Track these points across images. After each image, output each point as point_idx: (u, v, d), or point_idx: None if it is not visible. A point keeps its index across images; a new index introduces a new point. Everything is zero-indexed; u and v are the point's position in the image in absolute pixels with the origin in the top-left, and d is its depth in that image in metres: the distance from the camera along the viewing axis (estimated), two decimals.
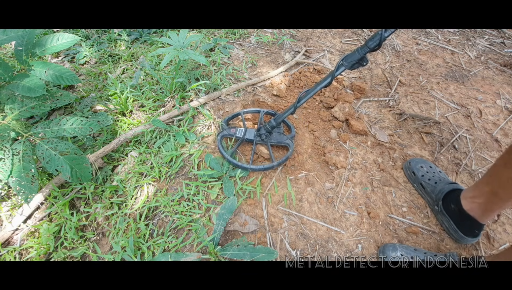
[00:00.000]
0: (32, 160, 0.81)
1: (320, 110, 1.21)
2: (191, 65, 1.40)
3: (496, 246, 0.86)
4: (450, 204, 0.83)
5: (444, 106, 1.28)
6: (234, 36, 1.65)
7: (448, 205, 0.84)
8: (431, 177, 0.93)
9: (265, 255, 0.77)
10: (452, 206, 0.82)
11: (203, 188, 0.95)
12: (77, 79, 0.95)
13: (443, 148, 1.10)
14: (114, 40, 1.64)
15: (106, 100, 1.25)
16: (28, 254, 0.82)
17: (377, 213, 0.91)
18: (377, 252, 0.83)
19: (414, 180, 0.97)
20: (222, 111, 1.21)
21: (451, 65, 1.50)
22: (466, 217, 0.78)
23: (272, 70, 1.41)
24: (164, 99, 1.23)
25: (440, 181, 0.91)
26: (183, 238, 0.84)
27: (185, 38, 1.19)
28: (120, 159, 1.04)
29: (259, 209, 0.91)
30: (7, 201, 0.93)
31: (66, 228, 0.86)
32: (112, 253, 0.82)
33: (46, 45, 0.95)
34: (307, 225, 0.88)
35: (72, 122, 0.88)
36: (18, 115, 0.89)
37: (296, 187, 0.97)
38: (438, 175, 0.94)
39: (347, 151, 1.07)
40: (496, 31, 1.76)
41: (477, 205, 0.77)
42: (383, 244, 0.83)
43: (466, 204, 0.79)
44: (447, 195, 0.85)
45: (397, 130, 1.16)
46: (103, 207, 0.91)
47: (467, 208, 0.78)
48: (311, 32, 1.71)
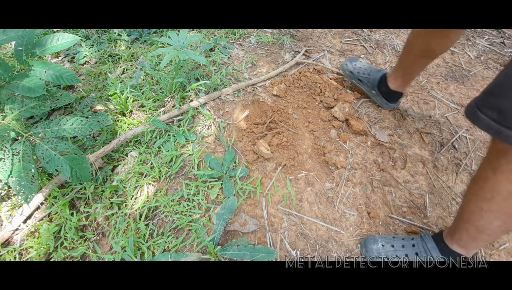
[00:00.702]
0: (32, 160, 0.81)
1: (320, 110, 1.21)
2: (191, 65, 1.40)
3: (496, 246, 0.86)
4: (382, 87, 1.13)
5: (444, 106, 1.28)
6: (234, 36, 1.65)
7: (380, 88, 1.14)
8: (364, 71, 1.20)
9: (265, 255, 0.77)
10: (383, 88, 1.13)
11: (203, 188, 0.95)
12: (77, 79, 0.95)
13: (443, 148, 1.10)
14: (114, 40, 1.64)
15: (106, 100, 1.25)
16: (28, 254, 0.82)
17: (377, 213, 0.91)
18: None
19: (353, 77, 1.24)
20: (222, 111, 1.21)
21: (451, 65, 1.50)
22: (391, 92, 1.11)
23: (272, 70, 1.41)
24: (164, 99, 1.23)
25: (371, 72, 1.18)
26: (183, 238, 0.84)
27: (185, 38, 1.19)
28: (120, 159, 1.04)
29: (259, 209, 0.91)
30: (7, 201, 0.93)
31: (66, 228, 0.86)
32: (112, 253, 0.82)
33: (46, 45, 0.95)
34: (307, 225, 0.88)
35: (72, 122, 0.88)
36: (18, 115, 0.89)
37: (296, 187, 0.97)
38: (368, 68, 1.21)
39: (347, 151, 1.07)
40: (496, 31, 1.76)
41: (397, 82, 1.08)
42: (364, 239, 0.84)
43: (391, 84, 1.10)
44: (379, 81, 1.13)
45: (397, 130, 1.16)
46: (103, 207, 0.91)
47: (392, 87, 1.10)
48: (311, 32, 1.71)
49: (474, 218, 0.62)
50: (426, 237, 0.76)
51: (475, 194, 0.60)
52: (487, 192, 0.56)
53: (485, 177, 0.56)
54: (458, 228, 0.69)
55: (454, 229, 0.70)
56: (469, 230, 0.65)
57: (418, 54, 0.93)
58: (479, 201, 0.59)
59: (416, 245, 0.76)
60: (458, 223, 0.68)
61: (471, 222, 0.63)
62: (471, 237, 0.66)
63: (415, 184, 1.00)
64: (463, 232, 0.67)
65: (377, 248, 0.78)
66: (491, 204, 0.56)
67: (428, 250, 0.73)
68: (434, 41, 0.86)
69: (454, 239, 0.71)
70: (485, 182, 0.56)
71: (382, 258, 0.76)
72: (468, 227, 0.65)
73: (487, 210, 0.58)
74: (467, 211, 0.64)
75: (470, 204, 0.62)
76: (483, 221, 0.60)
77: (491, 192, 0.55)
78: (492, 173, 0.53)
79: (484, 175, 0.56)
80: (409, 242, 0.78)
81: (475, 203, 0.60)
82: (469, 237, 0.67)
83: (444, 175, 1.02)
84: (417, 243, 0.77)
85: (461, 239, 0.69)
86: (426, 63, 0.97)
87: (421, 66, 0.98)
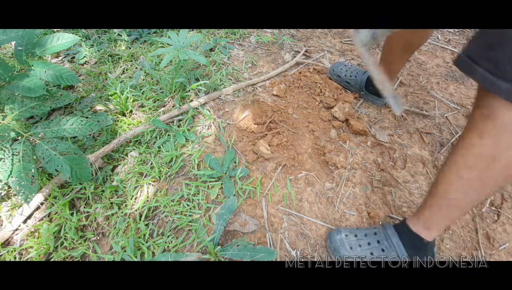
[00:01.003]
0: (32, 160, 0.81)
1: (320, 110, 1.21)
2: (191, 65, 1.40)
3: (496, 246, 0.86)
4: (369, 87, 1.20)
5: (444, 106, 1.28)
6: (234, 36, 1.65)
7: (368, 88, 1.21)
8: (351, 74, 1.26)
9: (265, 255, 0.77)
10: (370, 88, 1.19)
11: (203, 188, 0.95)
12: (77, 79, 0.95)
13: (443, 148, 1.10)
14: (114, 40, 1.64)
15: (106, 100, 1.25)
16: (28, 254, 0.82)
17: (377, 213, 0.91)
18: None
19: (341, 80, 1.29)
20: (222, 111, 1.21)
21: (451, 65, 1.50)
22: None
23: (272, 70, 1.41)
24: (164, 99, 1.23)
25: (358, 74, 1.24)
26: (183, 238, 0.84)
27: (185, 38, 1.19)
28: (120, 159, 1.04)
29: (259, 209, 0.91)
30: (7, 201, 0.93)
31: (66, 228, 0.86)
32: (112, 253, 0.82)
33: (46, 45, 0.95)
34: (307, 225, 0.88)
35: (72, 122, 0.88)
36: (18, 115, 0.89)
37: (296, 187, 0.97)
38: (355, 70, 1.26)
39: (347, 151, 1.07)
40: None
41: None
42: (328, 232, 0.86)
43: None
44: (366, 82, 1.20)
45: (397, 130, 1.16)
46: (103, 207, 0.91)
47: None
48: (311, 32, 1.71)
49: (450, 189, 0.61)
50: (386, 225, 0.78)
51: (456, 162, 0.59)
52: (471, 158, 0.55)
53: (470, 144, 0.55)
54: (427, 206, 0.69)
55: (423, 208, 0.71)
56: (441, 206, 0.65)
57: (400, 50, 0.97)
58: (460, 169, 0.58)
59: (378, 233, 0.78)
60: (428, 200, 0.68)
61: (445, 195, 0.63)
62: (441, 214, 0.66)
63: (415, 184, 1.00)
64: (434, 209, 0.67)
65: (340, 238, 0.80)
66: (472, 171, 0.56)
67: (389, 237, 0.75)
68: (415, 36, 0.91)
69: (420, 219, 0.71)
70: (469, 149, 0.55)
71: (345, 247, 0.78)
72: (440, 203, 0.65)
73: (467, 179, 0.57)
74: (442, 183, 0.63)
75: (447, 175, 0.61)
76: (458, 192, 0.60)
77: (475, 158, 0.54)
78: (478, 139, 0.53)
79: (468, 142, 0.55)
80: (371, 231, 0.80)
81: (454, 172, 0.59)
82: (439, 214, 0.67)
83: None
84: (378, 231, 0.79)
85: (430, 218, 0.69)
86: (408, 57, 1.02)
87: (404, 60, 1.04)
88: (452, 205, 0.63)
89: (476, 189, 0.58)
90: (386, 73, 1.07)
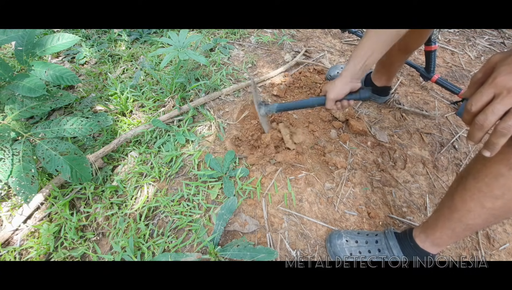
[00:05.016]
0: (32, 160, 0.81)
1: (320, 110, 1.21)
2: (191, 65, 1.40)
3: (496, 246, 0.86)
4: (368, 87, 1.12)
5: (444, 106, 1.28)
6: (234, 36, 1.65)
7: (367, 86, 1.21)
8: None
9: (265, 255, 0.76)
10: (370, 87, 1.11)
11: (203, 188, 0.95)
12: (77, 79, 0.95)
13: (443, 148, 1.10)
14: (114, 40, 1.64)
15: (106, 100, 1.25)
16: (28, 254, 0.82)
17: (377, 213, 0.91)
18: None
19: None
20: (222, 111, 1.21)
21: (451, 65, 1.50)
22: (379, 88, 1.19)
23: (272, 70, 1.41)
24: (164, 99, 1.23)
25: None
26: (183, 238, 0.84)
27: (185, 38, 1.19)
28: (120, 159, 1.04)
29: (259, 209, 0.91)
30: (7, 201, 0.93)
31: (66, 228, 0.86)
32: (112, 253, 0.82)
33: (46, 45, 0.95)
34: (307, 225, 0.88)
35: (72, 122, 0.88)
36: (18, 115, 0.89)
37: (296, 187, 0.97)
38: None
39: (347, 151, 1.07)
40: (496, 31, 1.76)
41: (382, 80, 1.16)
42: (329, 233, 0.85)
43: (377, 83, 1.18)
44: (365, 81, 1.23)
45: (397, 130, 1.16)
46: (103, 207, 0.91)
47: (379, 85, 1.18)
48: (311, 32, 1.71)
49: (469, 216, 0.60)
50: (388, 234, 0.77)
51: (480, 191, 0.57)
52: (497, 189, 0.54)
53: (498, 174, 0.53)
54: (439, 227, 0.67)
55: (434, 228, 0.68)
56: (455, 229, 0.64)
57: (398, 52, 0.99)
58: (484, 199, 0.57)
59: (379, 241, 0.77)
60: (441, 222, 0.66)
61: (462, 221, 0.61)
62: (454, 235, 0.65)
63: (415, 184, 1.00)
64: (447, 231, 0.65)
65: (340, 243, 0.79)
66: (498, 201, 0.55)
67: (390, 248, 0.74)
68: (411, 39, 0.93)
69: (430, 238, 0.69)
70: (496, 179, 0.54)
71: (345, 253, 0.77)
72: (455, 226, 0.63)
73: (490, 208, 0.56)
74: (462, 210, 0.61)
75: (468, 202, 0.60)
76: (478, 219, 0.59)
77: (502, 189, 0.53)
78: (507, 170, 0.51)
79: (496, 172, 0.53)
80: (373, 238, 0.79)
81: (476, 200, 0.58)
82: (452, 235, 0.65)
83: (444, 175, 1.02)
84: (380, 239, 0.78)
85: (441, 237, 0.67)
86: (406, 58, 1.05)
87: (402, 61, 1.06)
88: (467, 229, 0.62)
89: (498, 217, 0.57)
90: (385, 74, 1.16)
